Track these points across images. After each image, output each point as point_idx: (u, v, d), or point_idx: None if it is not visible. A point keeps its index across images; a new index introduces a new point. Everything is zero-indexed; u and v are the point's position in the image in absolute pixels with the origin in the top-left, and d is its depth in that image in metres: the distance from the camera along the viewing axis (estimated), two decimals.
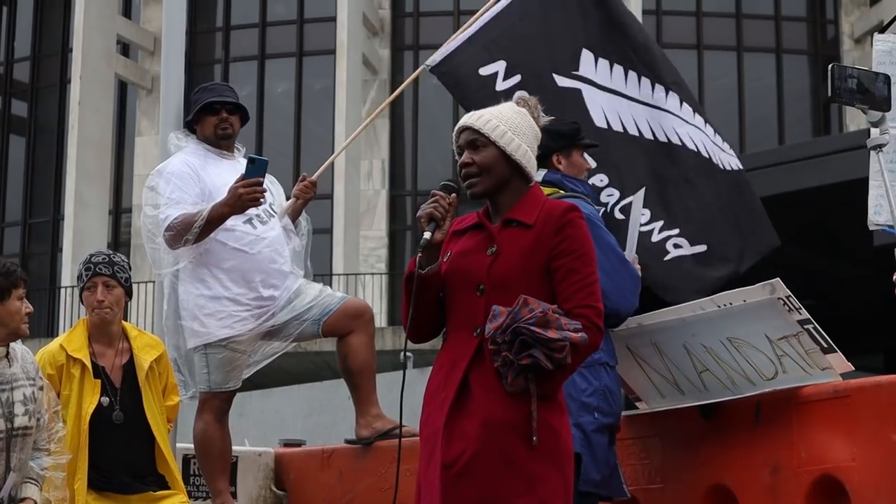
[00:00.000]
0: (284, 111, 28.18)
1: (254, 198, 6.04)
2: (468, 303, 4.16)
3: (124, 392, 5.76)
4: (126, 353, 5.83)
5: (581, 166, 5.45)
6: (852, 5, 28.24)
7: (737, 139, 27.04)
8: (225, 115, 6.41)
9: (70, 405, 5.64)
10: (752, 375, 4.99)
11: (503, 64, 6.38)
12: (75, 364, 5.70)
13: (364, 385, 6.39)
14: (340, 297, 6.47)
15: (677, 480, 5.32)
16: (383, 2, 28.73)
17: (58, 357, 5.71)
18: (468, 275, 4.17)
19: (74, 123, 26.76)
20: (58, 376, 5.66)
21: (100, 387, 5.70)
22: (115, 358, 5.80)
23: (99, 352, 5.78)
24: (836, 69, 5.12)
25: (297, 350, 7.04)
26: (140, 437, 5.75)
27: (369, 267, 26.77)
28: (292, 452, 7.13)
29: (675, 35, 28.14)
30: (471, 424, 4.05)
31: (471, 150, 4.25)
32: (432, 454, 4.11)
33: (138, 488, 5.72)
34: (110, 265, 5.79)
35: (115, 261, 5.82)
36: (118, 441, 5.69)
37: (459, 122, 4.32)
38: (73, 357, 5.70)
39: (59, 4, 29.79)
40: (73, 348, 5.73)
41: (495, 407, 4.04)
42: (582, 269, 4.16)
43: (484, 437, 4.03)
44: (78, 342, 5.76)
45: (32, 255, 29.11)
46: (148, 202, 6.27)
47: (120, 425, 5.71)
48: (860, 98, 5.13)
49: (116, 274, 5.78)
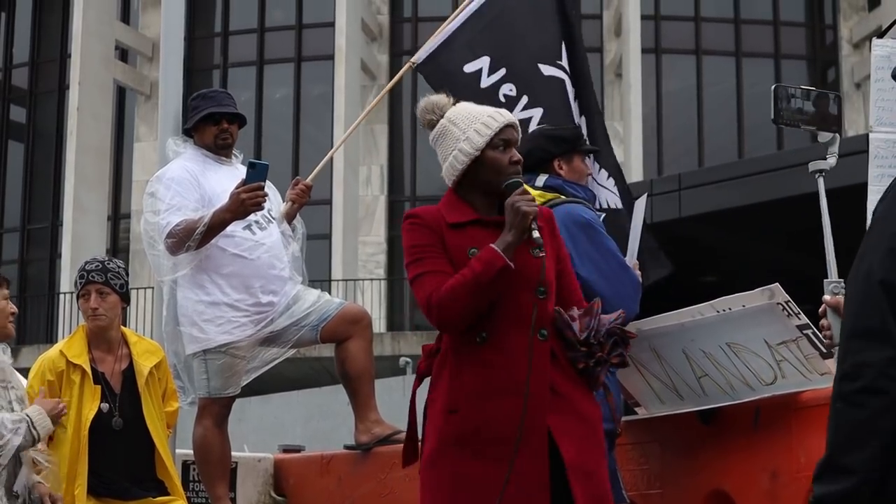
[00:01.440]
0: (283, 117, 28.20)
1: (256, 202, 6.05)
2: (524, 303, 4.16)
3: (124, 398, 5.76)
4: (126, 359, 5.83)
5: (582, 172, 5.45)
6: (851, 10, 28.26)
7: (735, 144, 27.07)
8: (225, 126, 6.42)
9: (70, 411, 5.65)
10: (752, 381, 4.98)
11: (487, 59, 6.49)
12: (75, 370, 5.70)
13: (363, 390, 6.39)
14: (339, 303, 6.47)
15: (676, 486, 5.31)
16: (382, 7, 28.76)
17: (58, 363, 5.71)
18: (522, 275, 4.16)
19: (73, 129, 26.76)
20: (58, 382, 5.67)
21: (100, 393, 5.70)
22: (114, 364, 5.80)
23: (98, 358, 5.78)
24: (778, 90, 4.95)
25: (296, 356, 7.04)
26: (140, 443, 5.76)
27: (368, 273, 26.77)
28: (291, 458, 7.13)
29: (674, 40, 28.18)
30: (573, 423, 4.16)
31: (515, 147, 4.32)
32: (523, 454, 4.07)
33: (138, 494, 5.73)
34: (104, 272, 5.78)
35: (110, 267, 5.82)
36: (118, 447, 5.70)
37: (502, 118, 4.31)
38: (73, 363, 5.71)
39: (57, 10, 29.81)
40: (72, 354, 5.73)
41: (587, 404, 4.24)
42: (571, 270, 4.45)
43: (590, 435, 4.20)
44: (77, 348, 5.77)
45: (31, 261, 29.12)
46: (148, 208, 6.27)
47: (119, 431, 5.71)
48: (806, 119, 5.01)
49: (110, 281, 5.78)
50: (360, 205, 27.20)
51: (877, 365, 2.67)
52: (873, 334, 2.70)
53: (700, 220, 12.79)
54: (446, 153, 4.32)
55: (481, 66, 6.47)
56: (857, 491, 2.68)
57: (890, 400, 2.66)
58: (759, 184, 11.67)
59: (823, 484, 2.72)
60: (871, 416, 2.67)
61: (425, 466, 4.20)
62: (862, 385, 2.68)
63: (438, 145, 4.35)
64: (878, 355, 2.68)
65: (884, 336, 2.69)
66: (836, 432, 2.74)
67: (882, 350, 2.68)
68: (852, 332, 2.75)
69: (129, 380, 5.80)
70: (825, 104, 5.05)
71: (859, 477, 2.67)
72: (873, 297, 2.72)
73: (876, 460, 2.67)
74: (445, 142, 4.33)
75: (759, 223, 11.75)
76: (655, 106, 27.79)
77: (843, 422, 2.73)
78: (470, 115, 4.33)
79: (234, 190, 6.06)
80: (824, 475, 2.73)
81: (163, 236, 6.12)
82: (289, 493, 6.99)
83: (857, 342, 2.72)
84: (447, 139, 4.33)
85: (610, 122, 27.56)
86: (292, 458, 7.14)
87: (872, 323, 2.71)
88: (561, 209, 5.11)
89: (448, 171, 4.32)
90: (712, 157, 26.54)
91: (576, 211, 5.18)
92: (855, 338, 2.73)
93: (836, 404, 2.74)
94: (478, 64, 6.47)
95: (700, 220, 12.79)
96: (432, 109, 4.36)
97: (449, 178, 4.33)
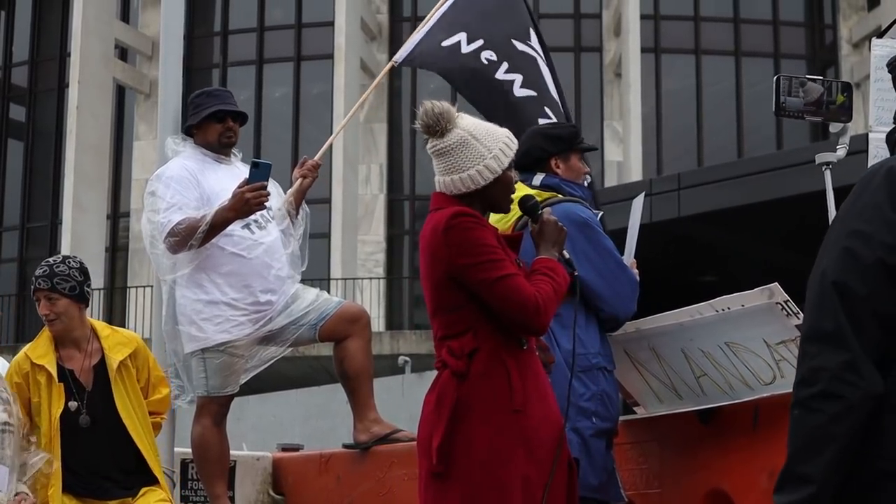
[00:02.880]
0: (282, 115, 28.19)
1: (260, 202, 6.06)
2: None
3: (94, 394, 5.73)
4: (97, 354, 5.80)
5: (579, 170, 5.45)
6: (850, 10, 28.26)
7: (735, 143, 27.07)
8: (230, 125, 6.44)
9: (41, 412, 5.66)
10: (751, 380, 4.98)
11: (463, 34, 6.76)
12: (40, 371, 5.70)
13: (361, 389, 6.39)
14: (337, 302, 6.46)
15: (675, 485, 5.31)
16: (381, 6, 28.75)
17: (23, 365, 5.73)
18: None
19: (72, 128, 26.75)
20: (25, 384, 5.69)
21: (64, 391, 5.68)
22: (83, 360, 5.77)
23: (66, 356, 5.77)
24: (781, 81, 4.87)
25: (294, 354, 7.04)
26: (114, 438, 5.72)
27: (367, 271, 26.77)
28: (290, 457, 7.13)
29: (674, 39, 28.18)
30: None
31: None
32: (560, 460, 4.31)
33: (117, 494, 5.71)
34: (49, 278, 5.73)
35: (57, 271, 5.75)
36: (87, 445, 5.67)
37: (515, 141, 4.47)
38: (36, 364, 5.71)
39: (57, 9, 29.81)
40: (36, 355, 5.73)
41: None
42: None
43: None
44: (42, 349, 5.76)
45: (30, 260, 29.08)
46: (149, 207, 6.26)
47: (87, 429, 5.69)
48: (813, 111, 4.93)
49: (56, 286, 5.72)
50: (360, 203, 27.19)
51: (832, 369, 2.62)
52: (828, 338, 2.64)
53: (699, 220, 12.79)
54: (465, 165, 4.35)
55: (459, 39, 6.76)
56: (816, 499, 2.62)
57: (846, 404, 2.60)
58: (759, 183, 11.68)
59: (784, 494, 2.67)
60: (828, 422, 2.62)
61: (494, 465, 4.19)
62: (819, 390, 2.63)
63: (451, 155, 4.36)
64: (833, 359, 2.62)
65: (838, 339, 2.63)
66: (795, 440, 2.68)
67: (837, 354, 2.62)
68: (808, 335, 2.69)
69: (102, 375, 5.76)
70: (831, 93, 4.99)
71: (818, 485, 2.62)
72: (827, 300, 2.66)
73: (834, 467, 2.62)
74: (465, 154, 4.35)
75: (758, 222, 11.76)
76: (655, 105, 27.79)
77: (800, 429, 2.67)
78: (491, 133, 4.41)
79: (236, 189, 6.06)
80: (785, 485, 2.67)
81: (163, 235, 6.11)
82: (287, 491, 6.98)
83: (814, 346, 2.67)
84: (468, 152, 4.35)
85: (609, 121, 27.60)
86: (291, 456, 7.14)
87: (827, 326, 2.65)
88: (559, 208, 5.10)
89: (463, 183, 4.35)
90: (712, 156, 26.54)
91: (573, 210, 5.17)
92: (811, 341, 2.68)
93: (794, 411, 2.69)
94: (455, 38, 6.76)
95: (699, 219, 12.79)
96: (449, 118, 4.36)
97: (460, 188, 4.36)
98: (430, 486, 4.27)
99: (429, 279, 4.35)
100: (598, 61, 28.11)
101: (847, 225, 2.70)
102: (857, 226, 2.68)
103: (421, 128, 4.39)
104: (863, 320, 2.63)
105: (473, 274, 4.24)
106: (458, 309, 4.29)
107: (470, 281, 4.24)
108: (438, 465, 4.21)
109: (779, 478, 2.69)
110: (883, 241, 2.65)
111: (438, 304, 4.34)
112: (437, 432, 4.22)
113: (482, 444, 4.20)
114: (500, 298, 4.23)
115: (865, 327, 2.63)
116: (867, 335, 2.63)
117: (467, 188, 4.35)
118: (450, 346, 4.28)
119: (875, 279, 2.64)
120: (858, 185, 2.76)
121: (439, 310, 4.33)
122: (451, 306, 4.30)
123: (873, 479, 2.63)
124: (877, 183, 2.71)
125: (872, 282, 2.64)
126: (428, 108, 4.37)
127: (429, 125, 4.37)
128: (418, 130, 4.40)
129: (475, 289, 4.25)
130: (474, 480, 4.18)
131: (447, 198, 4.38)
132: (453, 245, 4.25)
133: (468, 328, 4.27)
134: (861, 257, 2.65)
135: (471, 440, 4.20)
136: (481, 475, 4.18)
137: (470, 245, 4.25)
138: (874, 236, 2.66)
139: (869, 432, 2.63)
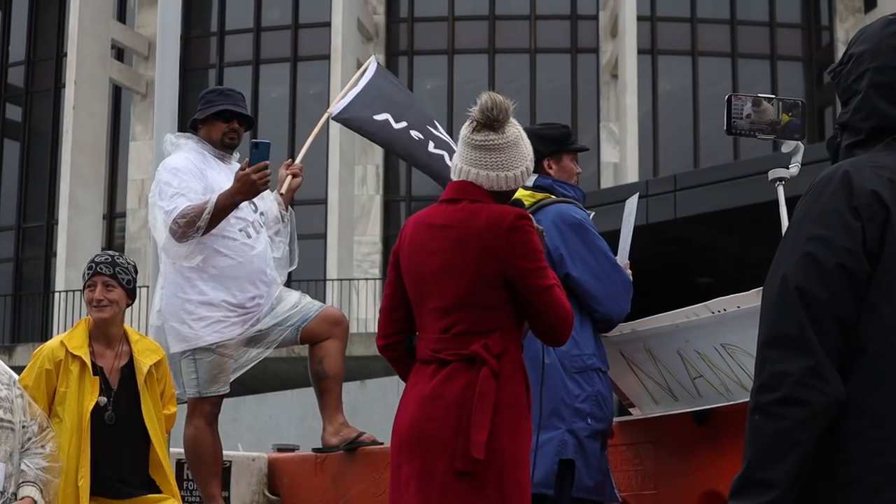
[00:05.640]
0: (279, 116, 28.17)
1: (265, 182, 6.12)
2: None
3: (120, 394, 5.76)
4: (125, 356, 5.83)
5: (571, 171, 5.46)
6: (847, 12, 28.27)
7: (731, 145, 27.07)
8: (236, 126, 6.46)
9: (68, 402, 5.64)
10: (746, 382, 4.98)
11: (387, 115, 7.00)
12: (74, 361, 5.70)
13: (334, 391, 6.42)
14: (319, 305, 6.54)
15: (670, 486, 5.31)
16: (378, 7, 28.74)
17: (57, 353, 5.71)
18: None
19: (69, 128, 26.74)
20: (55, 372, 5.67)
21: (98, 385, 5.70)
22: (114, 360, 5.80)
23: (98, 352, 5.78)
24: (731, 100, 4.81)
25: (290, 355, 7.06)
26: (132, 440, 5.74)
27: (363, 272, 26.76)
28: (286, 457, 7.13)
29: (670, 41, 28.18)
30: None
31: None
32: None
33: (128, 493, 5.71)
34: (112, 265, 5.81)
35: (119, 262, 5.84)
36: (106, 443, 5.68)
37: None
38: (72, 354, 5.71)
39: (53, 9, 29.78)
40: (73, 345, 5.73)
41: None
42: None
43: None
44: (78, 340, 5.77)
45: (26, 260, 29.09)
46: (155, 196, 6.27)
47: (110, 427, 5.70)
48: (766, 129, 4.89)
49: (118, 275, 5.79)
50: (356, 204, 27.18)
51: (796, 374, 2.59)
52: (791, 343, 2.62)
53: (695, 221, 12.81)
54: (514, 164, 4.30)
55: (387, 117, 6.97)
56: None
57: (811, 411, 2.58)
58: (755, 185, 11.67)
59: (743, 499, 2.62)
60: (791, 428, 2.58)
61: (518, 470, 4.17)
62: (782, 395, 2.60)
63: (504, 151, 4.29)
64: (797, 365, 2.59)
65: (801, 344, 2.60)
66: (755, 445, 2.63)
67: (801, 359, 2.60)
68: (769, 340, 2.65)
69: (128, 377, 5.78)
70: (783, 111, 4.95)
71: (780, 491, 2.59)
72: (789, 305, 2.64)
73: (796, 473, 2.59)
74: (516, 152, 4.31)
75: (754, 224, 11.76)
76: (651, 107, 27.79)
77: (761, 434, 2.62)
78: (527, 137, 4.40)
79: (239, 171, 6.08)
80: (744, 491, 2.63)
81: (170, 220, 6.12)
82: (283, 492, 6.98)
83: (775, 351, 2.63)
84: (518, 151, 4.32)
85: (605, 122, 27.61)
86: (286, 457, 7.14)
87: (789, 330, 2.62)
88: (552, 209, 5.11)
89: (507, 181, 4.30)
90: (708, 158, 26.53)
91: (567, 211, 5.18)
92: (772, 346, 2.64)
93: (754, 416, 2.64)
94: (383, 116, 6.97)
95: (695, 220, 12.82)
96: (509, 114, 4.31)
97: (502, 185, 4.30)
98: (451, 486, 4.12)
99: (465, 271, 4.21)
100: (595, 62, 28.10)
101: (806, 230, 2.69)
102: (816, 231, 2.67)
103: (481, 118, 4.26)
104: (825, 325, 2.62)
105: (530, 279, 4.18)
106: (495, 308, 4.21)
107: (524, 284, 4.18)
108: (471, 465, 4.08)
109: (736, 484, 2.65)
110: (843, 245, 2.64)
111: (472, 298, 4.19)
112: (478, 430, 4.09)
113: (509, 448, 4.16)
114: (547, 307, 4.20)
115: (827, 332, 2.62)
116: (829, 340, 2.61)
117: (509, 187, 4.30)
118: (486, 344, 4.17)
119: (836, 284, 2.63)
120: (813, 191, 2.75)
121: (471, 304, 4.20)
122: (489, 304, 4.20)
123: (838, 484, 2.62)
124: (833, 188, 2.70)
125: (834, 286, 2.62)
126: (497, 100, 4.26)
127: (496, 118, 4.26)
128: (472, 119, 4.28)
129: (525, 292, 4.19)
130: (505, 486, 4.13)
131: (484, 192, 4.28)
132: (517, 246, 4.18)
133: (497, 327, 4.21)
134: (822, 262, 2.64)
135: (502, 443, 4.14)
136: (511, 483, 4.14)
137: (532, 250, 4.20)
138: (835, 241, 2.64)
139: (832, 438, 2.61)
